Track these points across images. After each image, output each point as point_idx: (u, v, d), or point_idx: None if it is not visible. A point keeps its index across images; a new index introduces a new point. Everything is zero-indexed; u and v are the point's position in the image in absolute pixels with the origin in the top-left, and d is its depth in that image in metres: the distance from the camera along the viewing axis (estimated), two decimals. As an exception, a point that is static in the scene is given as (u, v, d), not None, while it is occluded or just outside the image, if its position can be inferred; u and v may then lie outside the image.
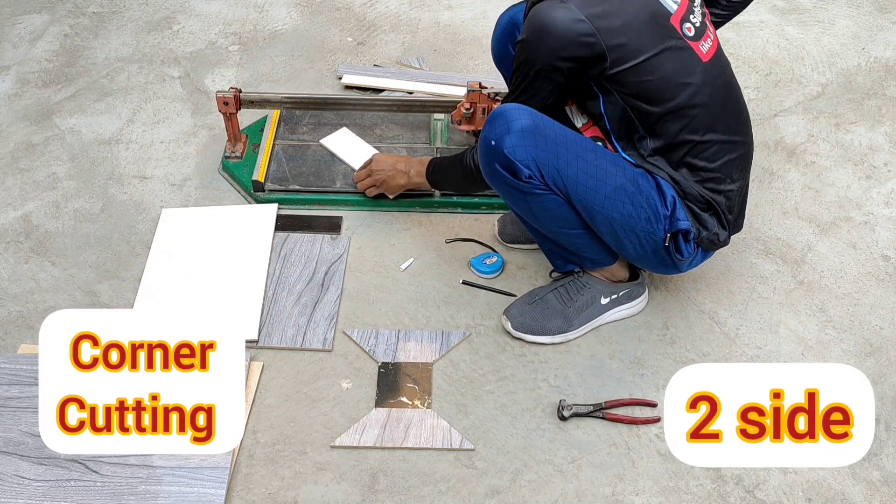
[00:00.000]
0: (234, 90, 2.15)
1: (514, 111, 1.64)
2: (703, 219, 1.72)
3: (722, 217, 1.73)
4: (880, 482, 1.65)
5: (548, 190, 1.65)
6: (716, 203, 1.71)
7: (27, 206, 2.17)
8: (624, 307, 1.90)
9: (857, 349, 1.88)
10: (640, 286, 1.91)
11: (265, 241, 2.05)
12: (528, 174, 1.63)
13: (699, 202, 1.71)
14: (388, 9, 2.90)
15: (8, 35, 2.75)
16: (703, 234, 1.72)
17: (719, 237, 1.75)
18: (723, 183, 1.71)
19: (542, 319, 1.85)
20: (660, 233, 1.69)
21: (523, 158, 1.62)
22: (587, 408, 1.74)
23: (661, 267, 1.79)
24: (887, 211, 2.21)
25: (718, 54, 1.71)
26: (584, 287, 1.86)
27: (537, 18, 1.58)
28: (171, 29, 2.79)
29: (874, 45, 2.78)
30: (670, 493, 1.63)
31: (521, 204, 1.71)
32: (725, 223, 1.74)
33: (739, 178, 1.75)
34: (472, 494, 1.62)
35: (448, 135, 2.31)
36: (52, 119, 2.44)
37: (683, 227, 1.69)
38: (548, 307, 1.86)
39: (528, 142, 1.62)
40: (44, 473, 1.59)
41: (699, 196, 1.70)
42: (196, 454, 1.60)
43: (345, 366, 1.82)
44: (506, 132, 1.63)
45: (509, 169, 1.64)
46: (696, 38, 1.64)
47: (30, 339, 1.85)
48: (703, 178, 1.69)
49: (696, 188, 1.69)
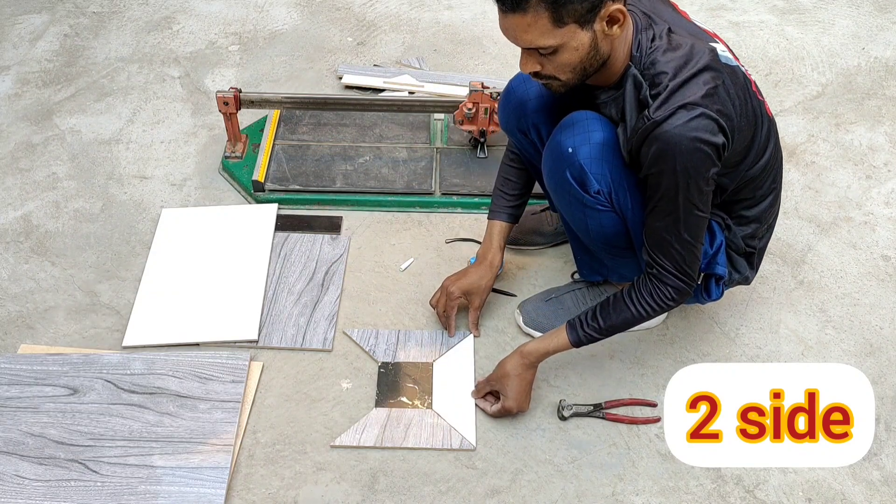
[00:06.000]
0: (234, 90, 2.15)
1: (594, 121, 1.54)
2: (737, 262, 1.71)
3: (754, 260, 1.73)
4: (880, 482, 1.65)
5: (609, 208, 1.58)
6: (752, 248, 1.70)
7: (27, 206, 2.17)
8: None
9: (857, 349, 1.88)
10: None
11: (265, 241, 2.05)
12: (596, 188, 1.55)
13: (740, 251, 1.69)
14: (388, 9, 2.90)
15: (8, 35, 2.75)
16: (735, 277, 1.72)
17: (748, 279, 1.75)
18: (761, 228, 1.69)
19: (555, 319, 1.84)
20: None
21: (597, 172, 1.53)
22: (587, 408, 1.73)
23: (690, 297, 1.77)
24: (887, 211, 2.21)
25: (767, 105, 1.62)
26: (602, 295, 1.85)
27: (681, 139, 1.40)
28: (171, 29, 2.79)
29: (874, 45, 2.78)
30: (670, 493, 1.63)
31: (579, 215, 1.64)
32: (755, 265, 1.75)
33: (773, 221, 1.73)
34: (472, 494, 1.62)
35: (448, 135, 2.31)
36: (52, 119, 2.44)
37: (719, 273, 1.66)
38: (562, 308, 1.85)
39: (606, 156, 1.53)
40: (44, 473, 1.59)
41: (741, 247, 1.68)
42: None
43: (345, 366, 1.82)
44: (585, 141, 1.53)
45: (579, 180, 1.55)
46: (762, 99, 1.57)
47: (30, 339, 1.85)
48: (752, 230, 1.67)
49: (740, 240, 1.67)
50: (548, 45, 1.38)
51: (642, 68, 1.45)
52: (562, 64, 1.43)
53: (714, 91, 1.40)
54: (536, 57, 1.42)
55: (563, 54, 1.40)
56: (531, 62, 1.44)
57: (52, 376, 1.75)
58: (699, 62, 1.42)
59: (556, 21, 1.34)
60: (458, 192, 2.17)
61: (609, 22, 1.38)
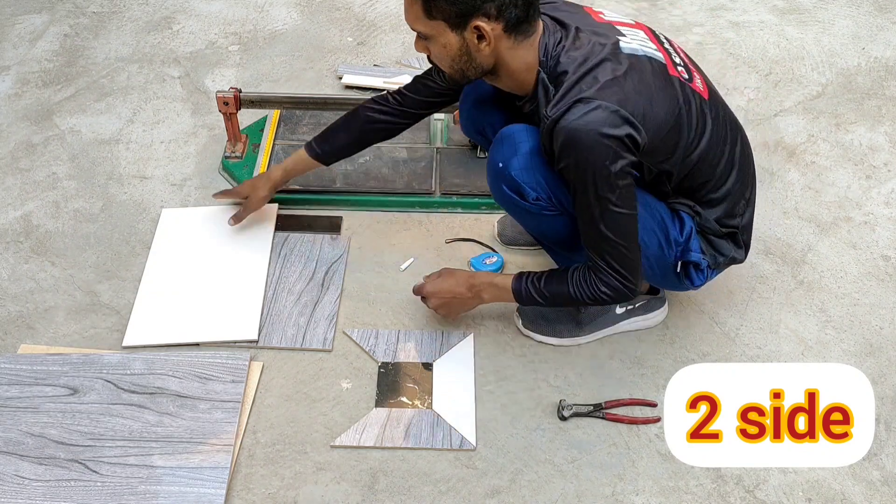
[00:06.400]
0: (234, 90, 2.15)
1: (521, 133, 1.59)
2: (719, 245, 1.71)
3: (739, 238, 1.73)
4: (880, 482, 1.65)
5: (557, 211, 1.61)
6: (734, 227, 1.70)
7: (27, 206, 2.17)
8: (639, 318, 1.87)
9: (857, 349, 1.88)
10: (659, 300, 1.89)
11: (266, 240, 2.05)
12: (534, 196, 1.59)
13: (718, 234, 1.69)
14: (388, 9, 2.90)
15: (8, 35, 2.76)
16: (720, 260, 1.72)
17: (736, 259, 1.75)
18: (738, 205, 1.69)
19: (554, 321, 1.85)
20: (670, 258, 1.67)
21: (529, 181, 1.58)
22: (587, 408, 1.73)
23: (673, 286, 1.78)
24: (887, 211, 2.21)
25: (707, 81, 1.64)
26: None
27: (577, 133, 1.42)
28: (171, 29, 2.79)
29: (874, 45, 2.78)
30: (670, 492, 1.63)
31: (532, 223, 1.69)
32: (741, 243, 1.74)
33: (751, 194, 1.74)
34: (472, 494, 1.62)
35: (448, 135, 2.31)
36: (52, 119, 2.44)
37: (694, 259, 1.67)
38: (560, 309, 1.85)
39: (535, 164, 1.57)
40: (44, 473, 1.59)
41: (716, 230, 1.68)
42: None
43: (345, 366, 1.82)
44: (513, 154, 1.58)
45: (516, 191, 1.59)
46: (691, 79, 1.58)
47: (30, 339, 1.85)
48: (724, 210, 1.67)
49: (713, 223, 1.67)
50: (418, 29, 1.50)
51: (548, 71, 1.49)
52: (437, 56, 1.54)
53: (612, 83, 1.43)
54: (421, 40, 1.53)
55: (434, 46, 1.51)
56: (418, 44, 1.54)
57: (52, 376, 1.75)
58: (597, 56, 1.46)
59: (427, 12, 1.46)
60: (458, 192, 2.17)
61: (478, 36, 1.45)
